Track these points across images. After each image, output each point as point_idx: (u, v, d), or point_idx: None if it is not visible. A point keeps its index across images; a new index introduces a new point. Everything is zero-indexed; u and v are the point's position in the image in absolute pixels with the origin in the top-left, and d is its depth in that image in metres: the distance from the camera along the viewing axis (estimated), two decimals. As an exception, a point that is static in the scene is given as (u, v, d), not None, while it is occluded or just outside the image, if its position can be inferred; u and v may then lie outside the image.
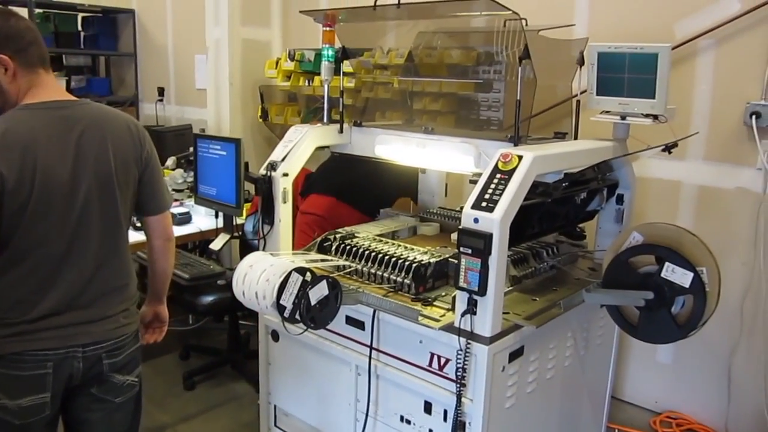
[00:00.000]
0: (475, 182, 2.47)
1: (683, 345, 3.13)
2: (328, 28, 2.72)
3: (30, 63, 1.82)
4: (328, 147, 2.83)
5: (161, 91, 5.92)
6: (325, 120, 2.81)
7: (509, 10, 2.23)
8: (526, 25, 2.33)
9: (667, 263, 2.11)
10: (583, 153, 2.38)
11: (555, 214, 2.49)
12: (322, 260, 2.46)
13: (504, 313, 2.12)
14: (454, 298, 2.12)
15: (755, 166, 3.04)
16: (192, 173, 3.65)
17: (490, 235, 1.95)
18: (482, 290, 1.98)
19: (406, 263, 2.34)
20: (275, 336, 2.74)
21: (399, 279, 2.34)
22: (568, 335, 2.52)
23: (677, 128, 2.46)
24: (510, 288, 2.37)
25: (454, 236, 2.36)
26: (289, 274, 2.09)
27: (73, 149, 1.80)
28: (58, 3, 5.99)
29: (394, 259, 2.39)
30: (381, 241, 2.66)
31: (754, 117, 2.97)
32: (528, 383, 2.32)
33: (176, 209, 3.66)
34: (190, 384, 3.66)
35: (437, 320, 2.13)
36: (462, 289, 2.02)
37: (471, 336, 2.05)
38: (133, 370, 2.04)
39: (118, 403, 2.01)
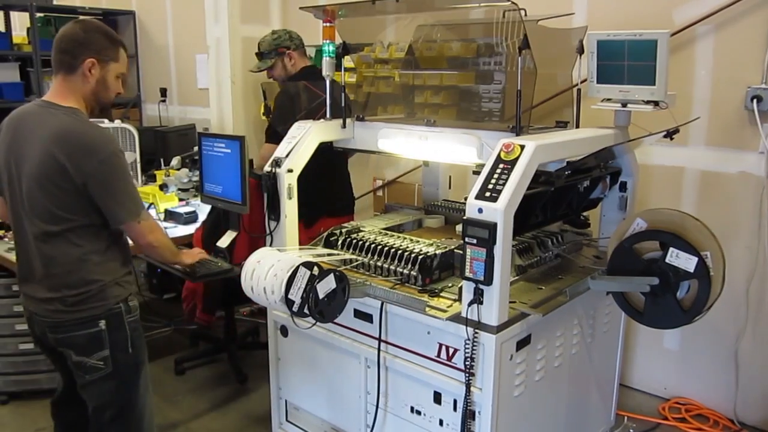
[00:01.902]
0: (478, 173, 2.48)
1: (690, 331, 3.14)
2: (327, 24, 2.73)
3: None
4: (331, 142, 2.85)
5: (163, 92, 5.95)
6: (327, 115, 2.83)
7: (508, 0, 2.24)
8: (525, 15, 2.34)
9: (671, 248, 2.12)
10: (584, 141, 2.39)
11: (558, 202, 2.50)
12: (329, 254, 2.47)
13: (510, 302, 2.13)
14: (460, 288, 2.14)
15: (758, 150, 3.04)
16: (197, 172, 3.67)
17: (495, 225, 1.96)
18: (488, 280, 2.00)
19: (412, 255, 2.36)
20: (284, 331, 2.76)
21: (405, 271, 2.36)
22: (575, 323, 2.54)
23: (678, 114, 2.47)
24: (516, 277, 2.39)
25: (459, 228, 2.38)
26: (297, 268, 2.11)
27: (10, 143, 2.17)
28: (59, 7, 6.02)
29: (400, 251, 2.41)
30: (387, 234, 2.68)
31: (755, 101, 2.98)
32: (536, 371, 2.34)
33: (182, 209, 3.69)
34: (180, 370, 3.83)
35: (444, 311, 2.15)
36: (468, 279, 2.04)
37: (478, 325, 2.07)
38: (92, 354, 2.19)
39: (88, 380, 2.23)
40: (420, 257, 2.33)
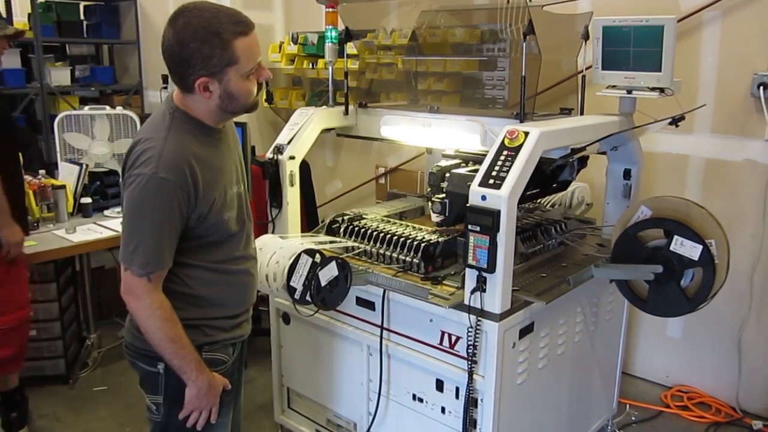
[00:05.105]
0: (448, 156, 2.46)
1: (693, 319, 3.13)
2: (330, 10, 2.71)
3: None
4: (333, 129, 2.83)
5: (165, 79, 5.89)
6: (330, 102, 2.82)
7: (512, -15, 2.23)
8: (530, 0, 2.31)
9: (675, 236, 2.11)
10: (589, 128, 2.37)
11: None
12: (331, 242, 2.47)
13: (513, 289, 2.12)
14: (463, 276, 2.13)
15: (763, 137, 3.02)
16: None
17: (498, 212, 1.95)
18: (491, 267, 1.99)
19: (415, 243, 2.35)
20: (286, 319, 2.76)
21: (408, 259, 2.35)
22: (578, 311, 2.53)
23: (684, 101, 2.44)
24: (519, 265, 2.38)
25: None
26: (299, 255, 2.10)
27: None
28: (60, -8, 5.98)
29: (402, 239, 2.40)
30: (389, 221, 2.67)
31: (761, 88, 2.95)
32: (539, 359, 2.34)
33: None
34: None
35: (447, 298, 2.14)
36: (471, 266, 2.03)
37: (481, 313, 2.06)
38: (148, 392, 1.81)
39: (147, 416, 1.86)
40: (423, 245, 2.32)
